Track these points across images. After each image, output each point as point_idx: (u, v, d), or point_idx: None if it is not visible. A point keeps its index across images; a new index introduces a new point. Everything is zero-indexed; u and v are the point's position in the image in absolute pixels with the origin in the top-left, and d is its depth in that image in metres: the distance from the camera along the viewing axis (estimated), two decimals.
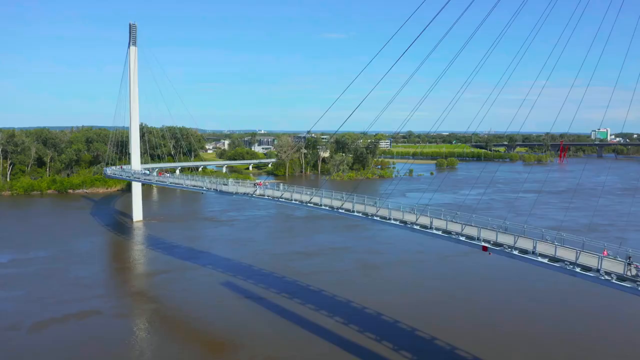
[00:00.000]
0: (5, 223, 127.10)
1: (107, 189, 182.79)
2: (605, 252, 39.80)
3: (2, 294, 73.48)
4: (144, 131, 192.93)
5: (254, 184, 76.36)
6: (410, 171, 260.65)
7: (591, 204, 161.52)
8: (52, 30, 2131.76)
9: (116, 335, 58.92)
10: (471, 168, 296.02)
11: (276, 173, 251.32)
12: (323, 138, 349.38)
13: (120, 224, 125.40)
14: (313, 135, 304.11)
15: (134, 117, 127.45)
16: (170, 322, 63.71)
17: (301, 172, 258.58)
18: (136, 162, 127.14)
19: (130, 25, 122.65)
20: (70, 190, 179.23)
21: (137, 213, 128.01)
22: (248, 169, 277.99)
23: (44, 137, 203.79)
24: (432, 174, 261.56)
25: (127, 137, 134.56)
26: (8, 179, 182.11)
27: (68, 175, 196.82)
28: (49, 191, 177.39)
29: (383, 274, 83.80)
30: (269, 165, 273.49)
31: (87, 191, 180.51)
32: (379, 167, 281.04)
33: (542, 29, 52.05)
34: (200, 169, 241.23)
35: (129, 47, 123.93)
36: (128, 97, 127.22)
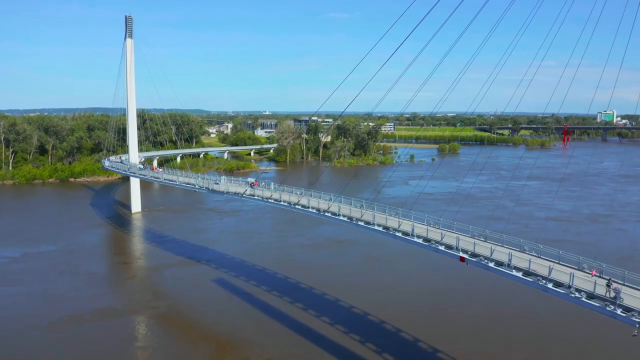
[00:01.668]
0: (13, 215, 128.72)
1: (107, 177, 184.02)
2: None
3: (19, 290, 75.57)
4: (145, 118, 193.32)
5: (249, 184, 76.46)
6: (412, 157, 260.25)
7: (593, 192, 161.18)
8: (52, 11, 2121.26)
9: (131, 333, 61.60)
10: (473, 153, 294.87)
11: (277, 159, 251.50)
12: (326, 121, 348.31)
13: (120, 216, 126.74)
14: (315, 118, 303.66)
15: (131, 109, 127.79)
16: (182, 320, 65.49)
17: (302, 158, 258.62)
18: (134, 154, 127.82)
19: (126, 17, 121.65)
20: (72, 179, 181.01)
21: (136, 204, 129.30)
22: (249, 154, 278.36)
23: (46, 125, 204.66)
24: (433, 159, 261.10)
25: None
26: (10, 168, 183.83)
27: (70, 162, 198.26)
28: (50, 180, 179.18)
29: (385, 268, 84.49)
30: (271, 151, 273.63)
31: (88, 179, 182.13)
32: (381, 152, 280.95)
33: (548, 8, 51.21)
34: (201, 155, 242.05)
35: (125, 39, 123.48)
36: (125, 88, 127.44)
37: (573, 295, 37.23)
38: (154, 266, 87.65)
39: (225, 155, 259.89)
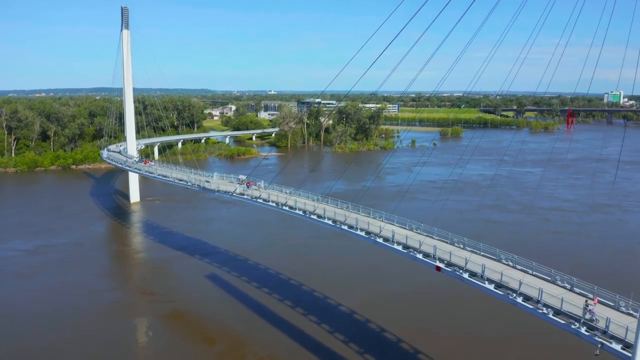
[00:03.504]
0: (20, 205, 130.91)
1: (108, 164, 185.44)
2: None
3: (36, 284, 77.57)
4: (146, 104, 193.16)
5: (241, 181, 77.10)
6: (413, 142, 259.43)
7: (596, 179, 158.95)
8: None
9: (140, 328, 64.23)
10: (476, 137, 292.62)
11: (279, 144, 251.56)
12: (330, 103, 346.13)
13: (120, 206, 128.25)
14: (319, 99, 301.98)
15: (129, 100, 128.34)
16: (192, 316, 67.28)
17: (303, 143, 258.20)
18: (132, 145, 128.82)
19: (122, 8, 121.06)
20: (73, 166, 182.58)
21: (134, 194, 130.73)
22: (251, 139, 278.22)
23: (47, 111, 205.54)
24: (434, 144, 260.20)
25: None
26: (13, 154, 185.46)
27: (72, 149, 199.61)
28: (52, 167, 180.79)
29: (385, 263, 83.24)
30: (273, 135, 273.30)
31: (89, 167, 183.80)
32: (383, 136, 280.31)
33: None
34: (203, 141, 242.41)
35: (121, 30, 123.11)
36: (123, 81, 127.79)
37: (541, 311, 37.90)
38: (161, 259, 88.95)
39: (227, 140, 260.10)
